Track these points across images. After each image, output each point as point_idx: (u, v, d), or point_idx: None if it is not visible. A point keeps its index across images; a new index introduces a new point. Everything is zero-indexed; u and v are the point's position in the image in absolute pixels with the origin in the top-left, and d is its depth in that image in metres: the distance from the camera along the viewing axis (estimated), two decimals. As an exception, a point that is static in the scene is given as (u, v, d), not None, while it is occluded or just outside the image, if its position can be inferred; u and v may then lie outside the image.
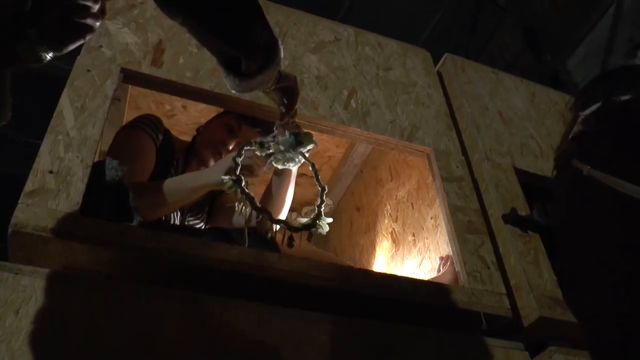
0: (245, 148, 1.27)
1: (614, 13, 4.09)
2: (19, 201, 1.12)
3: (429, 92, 1.91)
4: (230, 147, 1.70)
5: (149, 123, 1.60)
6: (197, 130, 1.82)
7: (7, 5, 0.84)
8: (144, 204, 1.35)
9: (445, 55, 2.13)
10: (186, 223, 1.73)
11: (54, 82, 1.52)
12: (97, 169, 1.28)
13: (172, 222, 1.63)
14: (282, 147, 1.28)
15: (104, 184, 1.30)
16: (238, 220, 1.76)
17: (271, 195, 1.67)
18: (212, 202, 1.84)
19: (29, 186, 1.15)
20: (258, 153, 1.29)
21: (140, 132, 1.57)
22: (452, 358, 1.28)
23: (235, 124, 1.73)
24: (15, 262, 1.10)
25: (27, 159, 1.23)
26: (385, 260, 2.03)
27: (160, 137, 1.61)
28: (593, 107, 1.27)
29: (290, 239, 1.18)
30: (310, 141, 1.28)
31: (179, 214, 1.68)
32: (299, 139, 1.28)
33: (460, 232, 1.51)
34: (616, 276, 1.03)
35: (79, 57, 1.43)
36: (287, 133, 1.28)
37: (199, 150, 1.72)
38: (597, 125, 1.24)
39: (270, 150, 1.28)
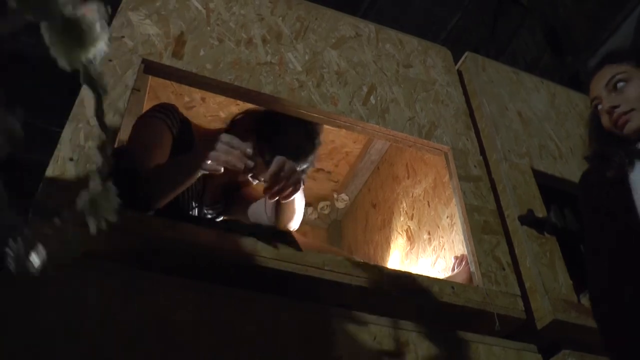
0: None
1: (640, 15, 4.03)
2: (40, 187, 1.13)
3: (448, 91, 1.91)
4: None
5: (163, 111, 1.60)
6: (229, 124, 1.79)
7: None
8: (150, 192, 1.35)
9: (466, 53, 2.12)
10: (204, 213, 1.74)
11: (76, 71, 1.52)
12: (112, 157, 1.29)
13: (190, 213, 1.64)
14: None
15: (116, 171, 1.31)
16: (253, 213, 1.76)
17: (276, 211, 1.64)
18: (231, 193, 1.84)
19: (49, 173, 1.17)
20: None
21: (154, 120, 1.58)
22: (464, 358, 1.28)
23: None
24: (34, 248, 1.11)
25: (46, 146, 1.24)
26: (400, 257, 2.03)
27: (177, 125, 1.60)
28: None
29: None
30: None
31: (197, 205, 1.69)
32: None
33: (476, 232, 1.51)
34: None
35: (101, 48, 1.44)
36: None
37: None
38: None
39: None
